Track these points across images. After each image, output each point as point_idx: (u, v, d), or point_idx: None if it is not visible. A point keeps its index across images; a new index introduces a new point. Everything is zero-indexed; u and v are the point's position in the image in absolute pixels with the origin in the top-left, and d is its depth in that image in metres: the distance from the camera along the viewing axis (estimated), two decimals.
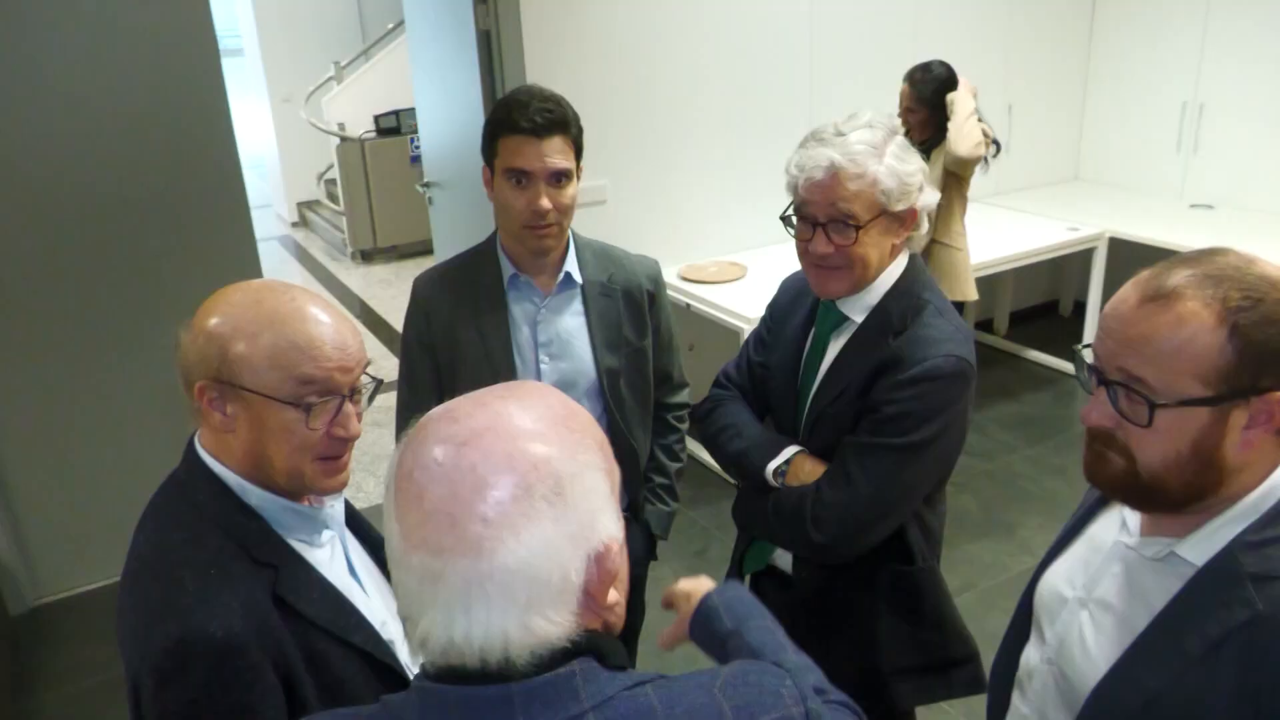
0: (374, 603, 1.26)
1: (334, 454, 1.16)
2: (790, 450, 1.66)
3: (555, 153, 1.75)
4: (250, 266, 3.55)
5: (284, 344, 1.10)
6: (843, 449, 1.59)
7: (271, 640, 1.07)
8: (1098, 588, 1.17)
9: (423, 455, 0.74)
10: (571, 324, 1.91)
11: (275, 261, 8.08)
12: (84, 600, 3.50)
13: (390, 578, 1.33)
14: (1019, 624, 1.34)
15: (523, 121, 1.73)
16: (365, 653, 1.17)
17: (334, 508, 1.25)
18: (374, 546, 1.36)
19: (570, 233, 1.90)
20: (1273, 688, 0.96)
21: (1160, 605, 1.07)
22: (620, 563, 0.78)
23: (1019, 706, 1.31)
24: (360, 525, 1.36)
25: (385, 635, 1.22)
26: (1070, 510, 1.33)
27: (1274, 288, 0.96)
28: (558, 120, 1.76)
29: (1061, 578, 1.24)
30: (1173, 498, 1.03)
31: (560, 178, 1.78)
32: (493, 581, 0.71)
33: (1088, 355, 1.09)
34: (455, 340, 1.87)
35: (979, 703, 1.59)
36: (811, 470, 1.63)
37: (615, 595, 0.79)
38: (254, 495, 1.15)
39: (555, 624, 0.74)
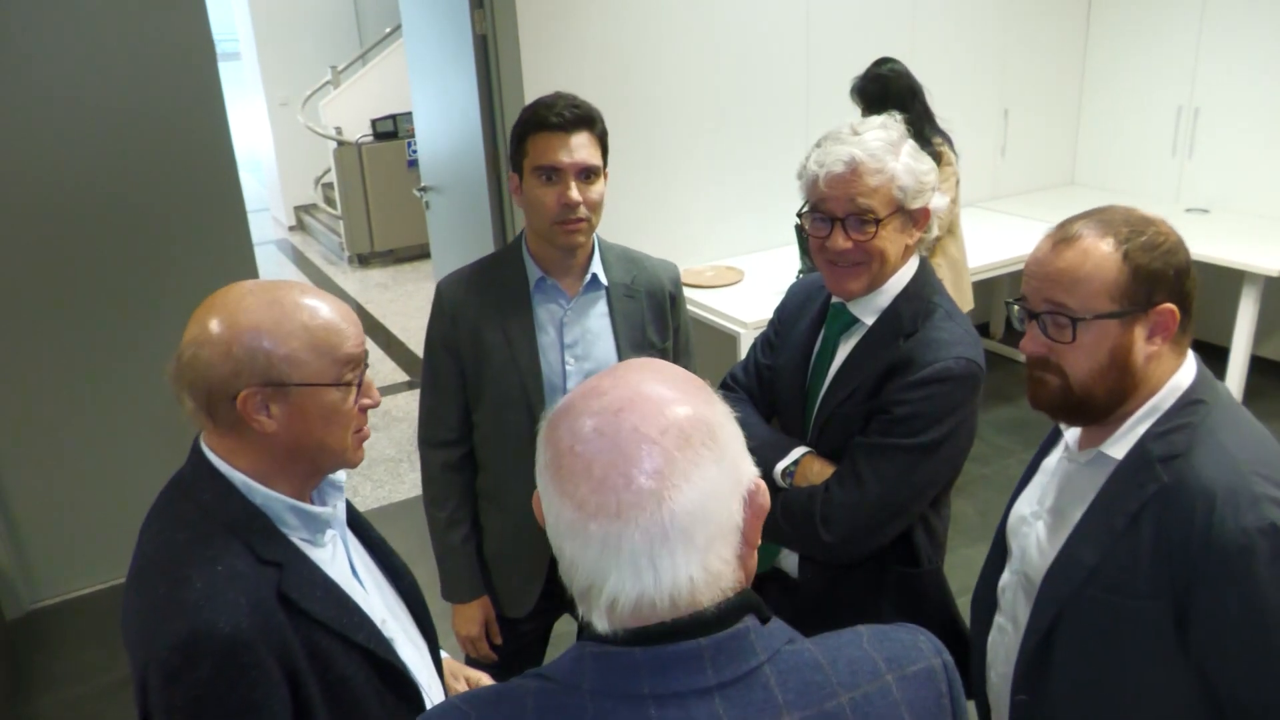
0: (374, 601, 1.27)
1: (362, 425, 1.23)
2: (799, 451, 1.67)
3: (583, 147, 1.79)
4: (247, 270, 3.55)
5: (319, 332, 1.14)
6: (852, 449, 1.59)
7: (276, 637, 1.08)
8: (1048, 500, 1.41)
9: (579, 429, 0.79)
10: (596, 325, 1.92)
11: (272, 265, 8.08)
12: (80, 604, 3.50)
13: (391, 575, 1.36)
14: (994, 556, 1.56)
15: (551, 117, 1.77)
16: (367, 651, 1.18)
17: (336, 507, 1.26)
18: (374, 547, 1.37)
19: (595, 236, 1.92)
20: (1179, 542, 1.19)
21: (1093, 498, 1.30)
22: (767, 500, 0.84)
23: (998, 620, 1.51)
24: (360, 525, 1.37)
25: (386, 634, 1.23)
26: None
27: (1150, 224, 1.26)
28: (584, 116, 1.80)
29: (1023, 504, 1.48)
30: (1100, 404, 1.27)
31: (589, 174, 1.80)
32: (674, 528, 0.76)
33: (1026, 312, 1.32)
34: (481, 342, 1.88)
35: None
36: (820, 471, 1.63)
37: (758, 538, 0.84)
38: (259, 494, 1.16)
39: (727, 563, 0.80)
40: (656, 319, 1.97)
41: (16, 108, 3.05)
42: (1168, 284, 1.23)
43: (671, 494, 0.76)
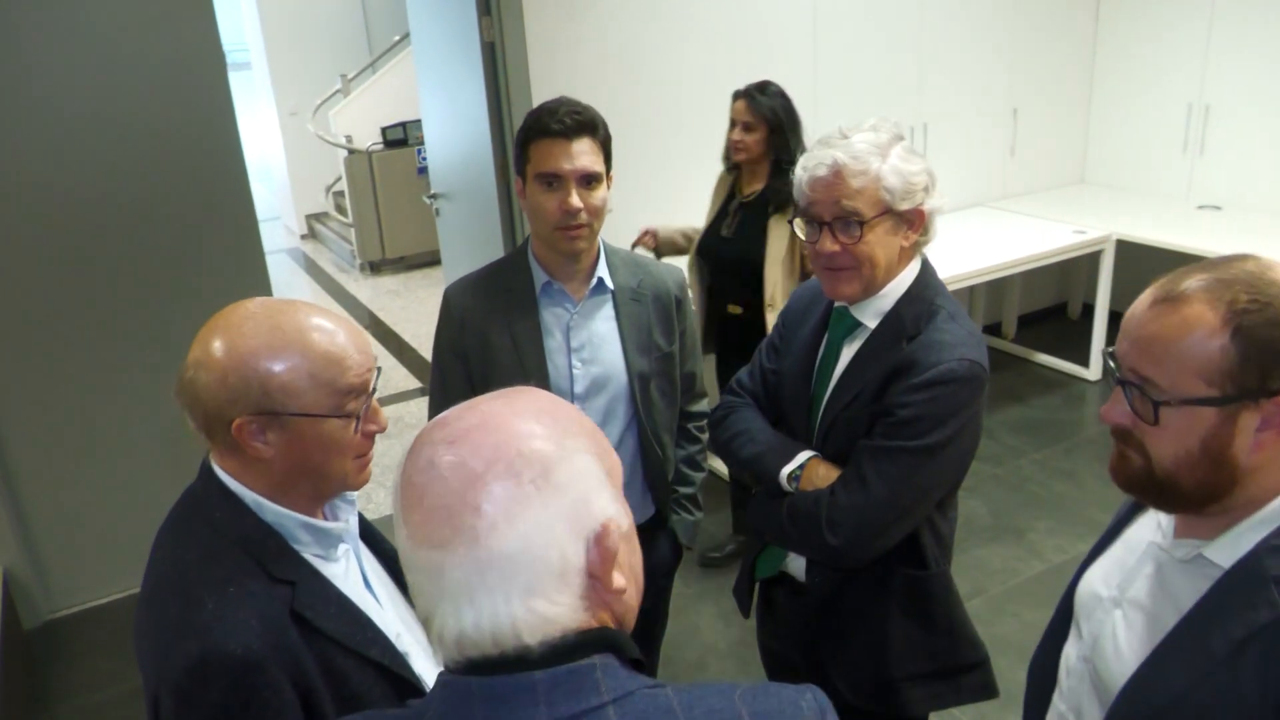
0: (388, 615, 1.27)
1: (366, 450, 1.20)
2: (804, 455, 1.67)
3: (584, 153, 1.80)
4: (259, 279, 3.57)
5: (320, 362, 1.12)
6: (857, 452, 1.60)
7: (290, 657, 1.07)
8: (1131, 588, 1.19)
9: (419, 459, 0.79)
10: (603, 328, 1.93)
11: (284, 274, 8.11)
12: (97, 614, 3.52)
13: (404, 587, 1.36)
14: (1058, 623, 1.36)
15: (552, 124, 1.79)
16: (382, 666, 1.17)
17: (349, 521, 1.26)
18: (387, 559, 1.37)
19: (600, 240, 1.92)
20: None
21: (1188, 606, 1.08)
22: (621, 543, 0.80)
23: (1057, 704, 1.33)
24: (373, 537, 1.37)
25: (400, 648, 1.22)
26: (1080, 514, 1.35)
27: None
28: (586, 122, 1.81)
29: (1099, 578, 1.26)
30: (1187, 496, 1.05)
31: (590, 180, 1.81)
32: (492, 568, 0.74)
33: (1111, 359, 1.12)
34: (489, 347, 1.89)
35: (989, 709, 1.59)
36: (825, 474, 1.63)
37: (621, 580, 0.80)
38: (270, 512, 1.16)
39: (560, 605, 0.76)
40: (663, 322, 1.98)
41: (28, 118, 3.08)
42: None
43: (490, 532, 0.74)
